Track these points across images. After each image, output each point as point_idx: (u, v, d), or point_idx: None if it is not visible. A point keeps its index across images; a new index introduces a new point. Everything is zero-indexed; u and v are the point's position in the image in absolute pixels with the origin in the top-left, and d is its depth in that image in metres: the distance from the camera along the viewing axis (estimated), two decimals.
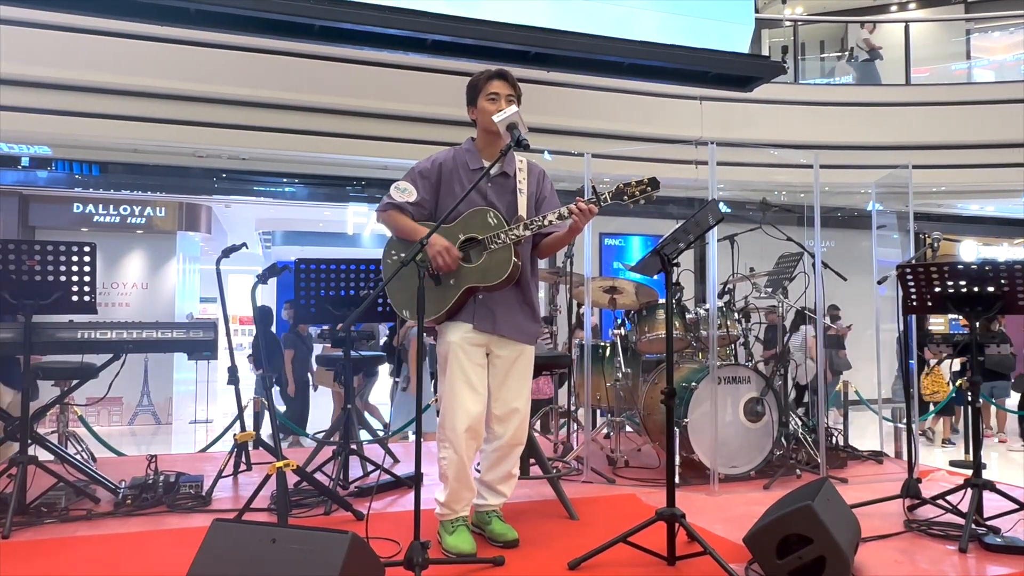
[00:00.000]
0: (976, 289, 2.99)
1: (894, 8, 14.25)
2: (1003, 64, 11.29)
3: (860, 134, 9.35)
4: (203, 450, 5.55)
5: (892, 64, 10.35)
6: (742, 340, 4.36)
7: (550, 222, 2.61)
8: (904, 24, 10.79)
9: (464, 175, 2.74)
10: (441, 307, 2.64)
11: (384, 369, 7.79)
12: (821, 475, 3.83)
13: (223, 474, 3.60)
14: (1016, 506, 3.00)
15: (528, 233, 2.61)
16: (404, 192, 2.73)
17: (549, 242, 2.80)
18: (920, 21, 13.15)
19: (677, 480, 3.66)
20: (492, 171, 2.68)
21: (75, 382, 3.60)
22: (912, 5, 14.21)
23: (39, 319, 3.13)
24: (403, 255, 2.58)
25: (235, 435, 3.76)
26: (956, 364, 8.47)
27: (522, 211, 2.71)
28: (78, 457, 3.67)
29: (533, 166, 2.86)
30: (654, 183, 2.57)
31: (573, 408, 4.89)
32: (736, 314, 4.32)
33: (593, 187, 2.63)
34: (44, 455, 3.31)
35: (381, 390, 8.11)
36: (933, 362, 7.34)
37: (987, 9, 13.40)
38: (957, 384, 7.20)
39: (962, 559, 2.67)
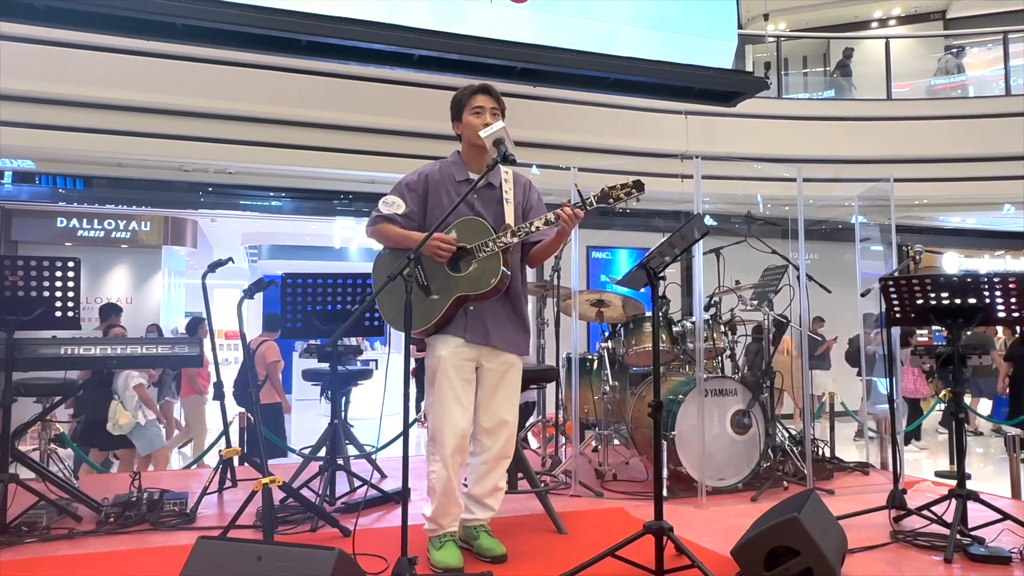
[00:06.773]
0: (958, 301, 3.03)
1: (875, 24, 14.50)
2: (981, 79, 11.48)
3: (843, 148, 9.47)
4: (188, 467, 5.50)
5: (873, 79, 10.51)
6: (728, 352, 4.39)
7: (537, 228, 2.62)
8: (885, 40, 10.98)
9: (451, 187, 2.76)
10: (430, 318, 2.63)
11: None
12: (808, 487, 3.84)
13: (208, 491, 3.56)
14: (1000, 516, 3.03)
15: (516, 240, 2.62)
16: (392, 205, 2.74)
17: (538, 250, 2.81)
18: (900, 37, 13.40)
19: (665, 493, 3.67)
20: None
21: (57, 399, 3.56)
22: (892, 21, 14.47)
23: (21, 335, 3.10)
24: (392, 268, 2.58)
25: (220, 451, 3.73)
26: None
27: (509, 220, 2.72)
28: (60, 475, 3.62)
29: (519, 176, 2.88)
30: (639, 185, 2.62)
31: (561, 421, 4.89)
32: (722, 327, 4.34)
33: (579, 191, 2.66)
34: (25, 473, 3.26)
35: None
36: None
37: (965, 26, 13.66)
38: (940, 395, 7.28)
39: (948, 569, 2.68)
